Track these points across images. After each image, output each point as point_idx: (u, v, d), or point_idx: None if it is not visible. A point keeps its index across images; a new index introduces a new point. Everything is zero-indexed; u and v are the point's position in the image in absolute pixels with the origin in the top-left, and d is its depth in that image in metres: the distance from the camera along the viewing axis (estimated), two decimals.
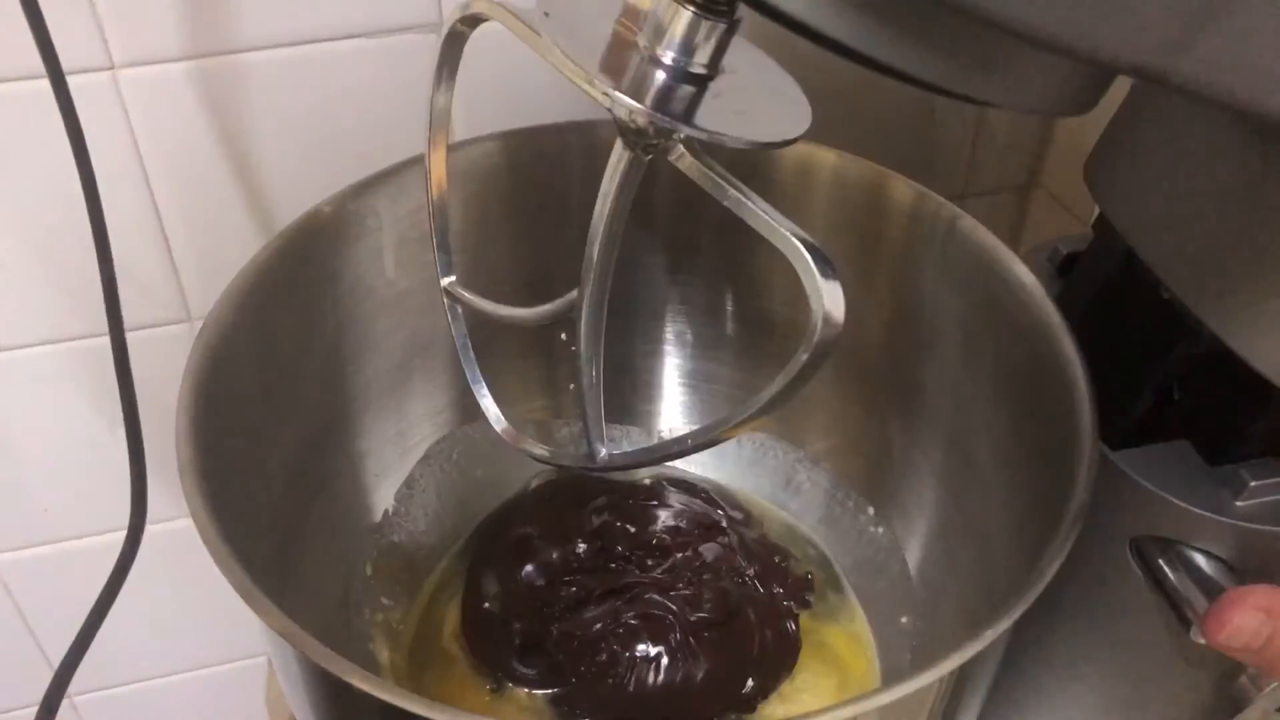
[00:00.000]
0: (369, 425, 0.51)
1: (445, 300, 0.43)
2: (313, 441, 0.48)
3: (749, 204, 0.30)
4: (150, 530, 0.47)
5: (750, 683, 0.49)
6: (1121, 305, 0.42)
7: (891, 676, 0.50)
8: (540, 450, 0.42)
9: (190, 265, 0.54)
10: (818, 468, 0.57)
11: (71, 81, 0.41)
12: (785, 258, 0.29)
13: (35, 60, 0.40)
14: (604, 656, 0.48)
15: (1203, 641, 0.37)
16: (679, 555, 0.52)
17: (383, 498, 0.53)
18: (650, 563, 0.52)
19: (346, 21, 0.49)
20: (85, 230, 0.43)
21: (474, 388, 0.44)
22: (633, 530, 0.53)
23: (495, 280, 0.52)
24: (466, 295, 0.43)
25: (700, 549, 0.52)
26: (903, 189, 0.48)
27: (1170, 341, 0.40)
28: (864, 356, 0.52)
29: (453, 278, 0.43)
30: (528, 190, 0.51)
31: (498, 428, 0.44)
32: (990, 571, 0.45)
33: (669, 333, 0.57)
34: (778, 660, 0.50)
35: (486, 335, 0.45)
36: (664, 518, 0.54)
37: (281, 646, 0.33)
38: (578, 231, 0.35)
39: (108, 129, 0.48)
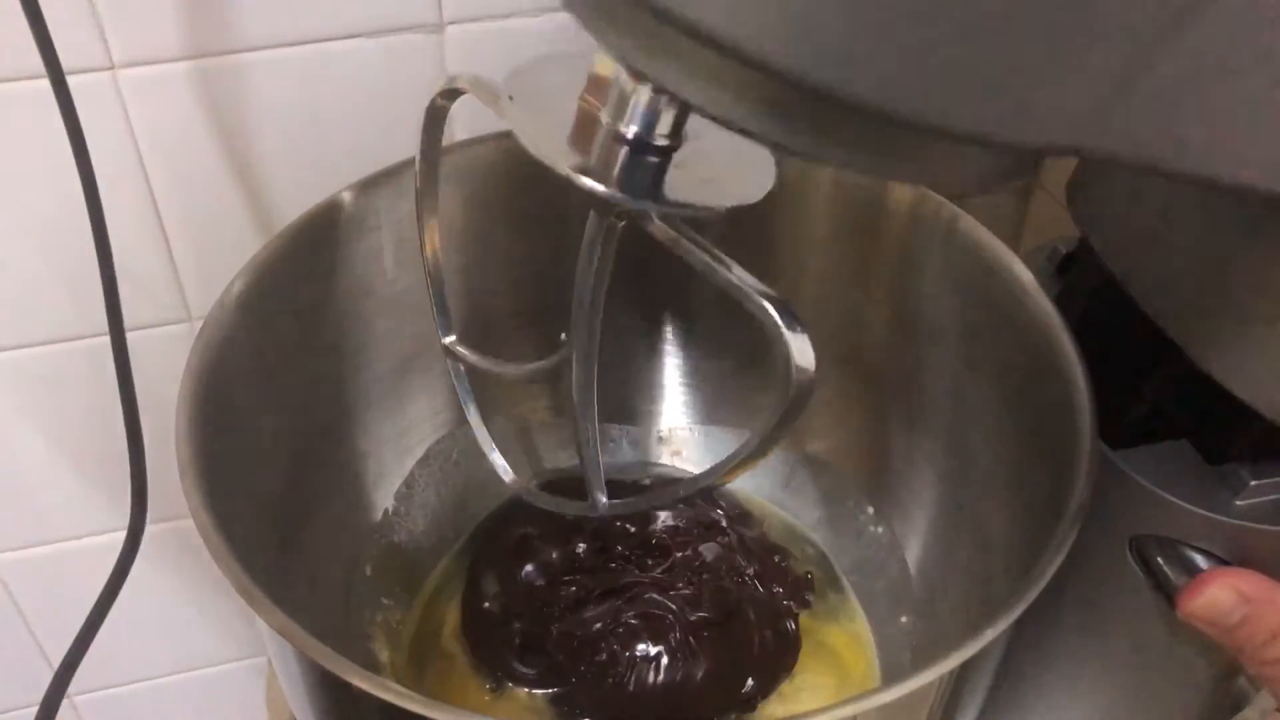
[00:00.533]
0: (369, 425, 0.51)
1: (448, 360, 0.45)
2: (313, 441, 0.48)
3: (719, 268, 0.31)
4: (150, 530, 0.47)
5: (750, 682, 0.49)
6: (1120, 305, 0.42)
7: (891, 676, 0.50)
8: (546, 500, 0.45)
9: (190, 265, 0.54)
10: (818, 468, 0.57)
11: (71, 81, 0.41)
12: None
13: (35, 60, 0.40)
14: (604, 656, 0.48)
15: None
16: (678, 555, 0.52)
17: (383, 497, 0.53)
18: (650, 562, 0.52)
19: (346, 21, 0.49)
20: (85, 230, 0.43)
21: (483, 446, 0.47)
22: (632, 530, 0.53)
23: (491, 279, 0.52)
24: (466, 353, 0.44)
25: (700, 548, 0.52)
26: (903, 189, 0.48)
27: (1169, 340, 0.40)
28: (864, 356, 0.52)
29: (453, 337, 0.45)
30: (526, 190, 0.51)
31: (505, 478, 0.47)
32: (990, 571, 0.45)
33: (669, 332, 0.57)
34: (777, 660, 0.50)
35: (489, 332, 0.45)
36: (663, 517, 0.54)
37: (281, 646, 0.33)
38: (575, 231, 0.35)
39: (108, 129, 0.48)
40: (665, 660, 0.48)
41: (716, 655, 0.48)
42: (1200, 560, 0.39)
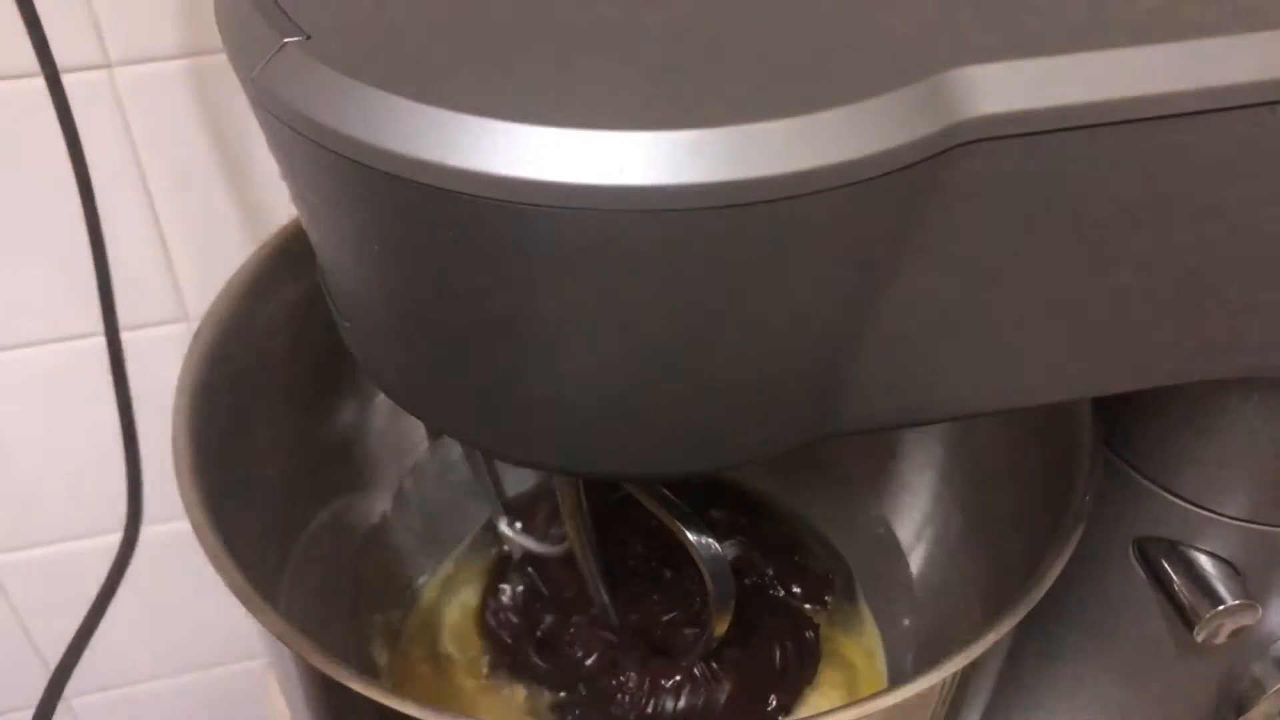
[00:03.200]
0: (367, 426, 0.51)
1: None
2: (310, 443, 0.47)
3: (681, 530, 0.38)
4: (150, 531, 0.47)
5: (773, 700, 0.48)
6: None
7: (895, 678, 0.50)
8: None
9: (187, 264, 0.54)
10: (821, 469, 0.56)
11: (67, 79, 0.41)
12: None
13: (30, 57, 0.40)
14: (619, 678, 0.47)
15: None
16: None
17: (381, 498, 0.53)
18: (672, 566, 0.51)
19: None
20: (82, 229, 0.43)
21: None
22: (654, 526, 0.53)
23: None
24: (516, 536, 0.53)
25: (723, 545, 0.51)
26: None
27: None
28: None
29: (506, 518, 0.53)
30: None
31: (515, 556, 0.53)
32: (993, 572, 0.44)
33: None
34: (799, 673, 0.49)
35: None
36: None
37: (278, 649, 0.33)
38: None
39: (104, 127, 0.48)
40: (686, 687, 0.47)
41: (738, 678, 0.47)
42: (1204, 561, 0.39)
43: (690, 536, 0.38)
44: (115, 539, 0.46)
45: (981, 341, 0.26)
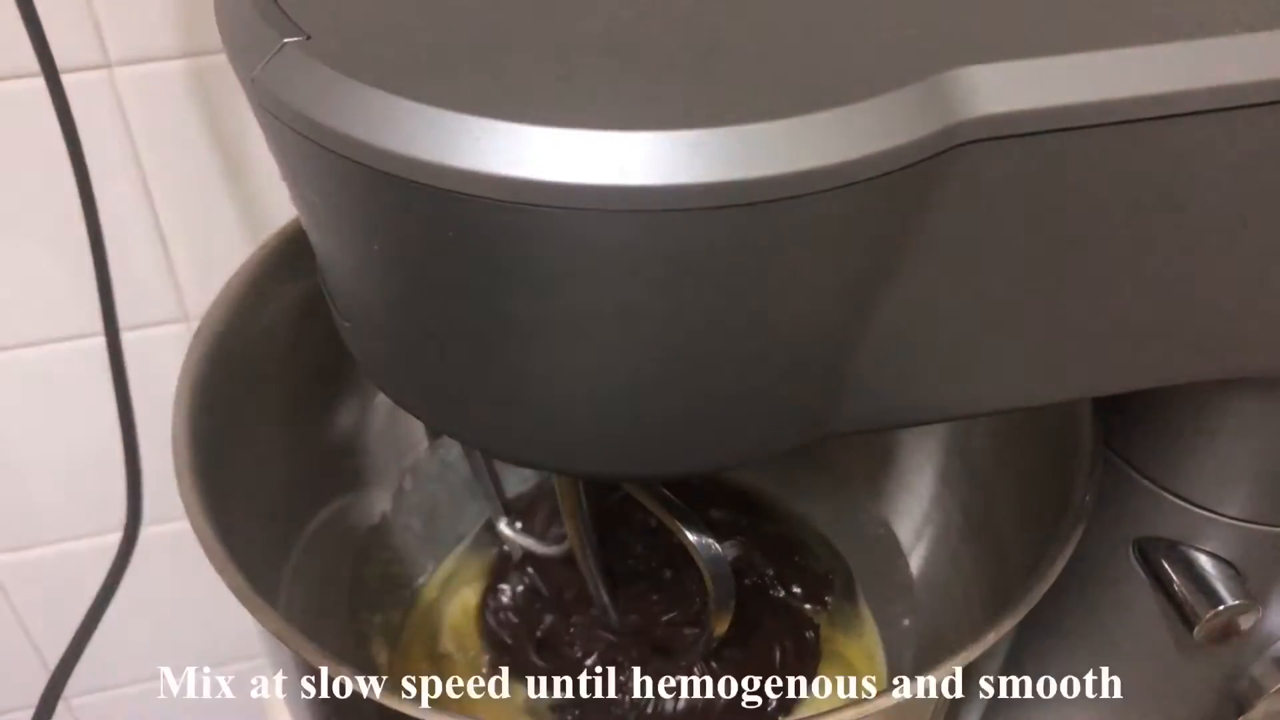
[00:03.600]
0: (366, 426, 0.51)
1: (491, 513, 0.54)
2: (310, 443, 0.47)
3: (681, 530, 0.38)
4: (151, 531, 0.47)
5: (773, 699, 0.48)
6: None
7: (894, 679, 0.50)
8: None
9: (187, 265, 0.54)
10: (820, 470, 0.56)
11: (67, 79, 0.41)
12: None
13: (31, 58, 0.40)
14: (622, 677, 0.47)
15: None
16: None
17: (381, 498, 0.52)
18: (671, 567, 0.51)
19: None
20: (82, 229, 0.43)
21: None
22: (654, 525, 0.53)
23: None
24: (515, 536, 0.53)
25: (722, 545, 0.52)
26: None
27: None
28: None
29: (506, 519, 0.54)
30: None
31: (515, 556, 0.53)
32: (992, 573, 0.44)
33: None
34: (798, 673, 0.49)
35: None
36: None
37: (278, 649, 0.33)
38: None
39: (104, 127, 0.48)
40: (684, 689, 0.47)
41: (738, 678, 0.47)
42: (1205, 562, 0.39)
43: (690, 536, 0.38)
44: (115, 539, 0.46)
45: (982, 341, 0.26)
